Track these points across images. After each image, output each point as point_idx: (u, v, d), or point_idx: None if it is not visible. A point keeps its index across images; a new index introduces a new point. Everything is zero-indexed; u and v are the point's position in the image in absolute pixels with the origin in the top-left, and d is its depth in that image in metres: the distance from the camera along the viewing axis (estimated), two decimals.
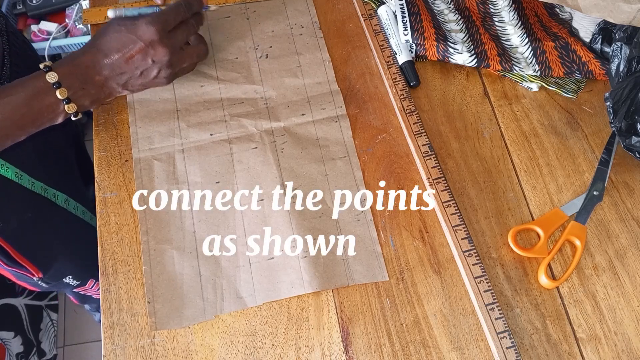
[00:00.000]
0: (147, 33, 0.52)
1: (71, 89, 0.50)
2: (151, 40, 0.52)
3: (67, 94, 0.50)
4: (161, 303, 0.51)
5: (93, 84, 0.52)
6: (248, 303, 0.52)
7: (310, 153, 0.58)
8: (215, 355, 0.50)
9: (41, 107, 0.50)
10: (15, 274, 0.73)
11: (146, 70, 0.54)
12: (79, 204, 0.77)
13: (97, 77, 0.52)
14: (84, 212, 0.78)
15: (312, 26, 0.66)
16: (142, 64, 0.53)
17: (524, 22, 0.65)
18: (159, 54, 0.53)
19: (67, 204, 0.74)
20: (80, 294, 0.89)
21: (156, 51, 0.53)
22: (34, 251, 0.71)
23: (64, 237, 0.76)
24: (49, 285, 0.77)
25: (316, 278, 0.52)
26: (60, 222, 0.75)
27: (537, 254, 0.53)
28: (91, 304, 1.02)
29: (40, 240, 0.72)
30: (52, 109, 0.51)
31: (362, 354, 0.50)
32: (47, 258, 0.74)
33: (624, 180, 0.58)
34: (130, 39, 0.52)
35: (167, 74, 0.55)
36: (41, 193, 0.68)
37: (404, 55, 0.62)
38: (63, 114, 0.52)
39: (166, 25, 0.54)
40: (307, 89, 0.62)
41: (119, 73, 0.53)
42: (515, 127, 0.61)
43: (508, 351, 0.48)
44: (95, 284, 0.86)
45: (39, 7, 1.33)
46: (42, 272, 0.73)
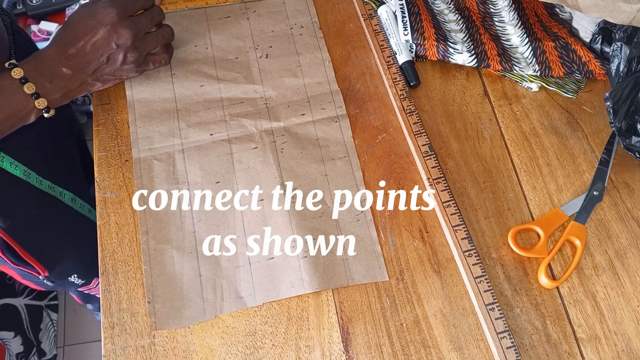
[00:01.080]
0: (107, 16, 0.51)
1: (38, 83, 0.50)
2: (112, 23, 0.52)
3: (34, 89, 0.49)
4: (161, 303, 0.51)
5: (61, 77, 0.51)
6: (248, 303, 0.52)
7: (310, 153, 0.58)
8: (215, 355, 0.50)
9: (10, 105, 0.50)
10: (21, 272, 0.73)
11: (112, 55, 0.53)
12: (85, 203, 0.77)
13: (63, 69, 0.51)
14: (90, 210, 0.78)
15: (312, 26, 0.66)
16: (106, 50, 0.52)
17: (524, 22, 0.65)
18: (121, 36, 0.52)
19: (74, 203, 0.74)
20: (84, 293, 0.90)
21: (118, 34, 0.52)
22: (40, 250, 0.71)
23: (70, 236, 0.77)
24: (54, 284, 0.77)
25: (316, 278, 0.52)
26: (66, 221, 0.75)
27: (537, 254, 0.53)
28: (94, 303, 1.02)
29: (47, 239, 0.72)
30: (22, 106, 0.50)
31: (362, 354, 0.50)
32: (53, 257, 0.74)
33: (624, 180, 0.58)
34: (91, 25, 0.52)
35: (134, 57, 0.54)
36: (48, 192, 0.68)
37: (404, 55, 0.62)
38: (35, 111, 0.51)
39: (126, 8, 0.53)
40: (307, 88, 0.62)
41: (86, 62, 0.52)
42: (515, 127, 0.61)
43: (508, 351, 0.48)
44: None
45: (39, 7, 1.33)
46: (48, 270, 0.73)
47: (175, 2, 0.66)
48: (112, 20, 0.52)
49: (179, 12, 0.66)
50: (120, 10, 0.52)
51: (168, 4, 0.65)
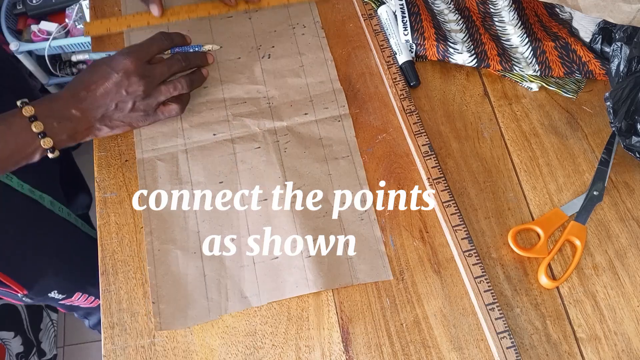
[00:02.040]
0: (122, 63, 0.52)
1: (46, 123, 0.50)
2: (125, 70, 0.52)
3: (42, 128, 0.49)
4: (166, 303, 0.51)
5: (69, 118, 0.51)
6: (252, 303, 0.52)
7: (313, 152, 0.58)
8: (215, 355, 0.50)
9: (17, 142, 0.49)
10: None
11: (121, 102, 0.53)
12: (63, 206, 0.76)
13: (73, 111, 0.51)
14: (69, 213, 0.77)
15: (314, 26, 0.66)
16: (116, 96, 0.52)
17: (524, 22, 0.65)
18: (132, 84, 0.52)
19: (53, 206, 0.73)
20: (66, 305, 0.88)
21: (129, 81, 0.52)
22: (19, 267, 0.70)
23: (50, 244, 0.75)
24: (34, 300, 0.76)
25: (320, 277, 0.52)
26: (46, 227, 0.74)
27: (537, 254, 0.53)
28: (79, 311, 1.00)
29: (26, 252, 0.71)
30: (28, 144, 0.50)
31: (362, 354, 0.50)
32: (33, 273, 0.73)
33: (624, 180, 0.58)
34: (106, 70, 0.52)
35: (143, 106, 0.54)
36: (29, 195, 0.68)
37: (404, 55, 0.62)
38: (40, 150, 0.51)
39: (142, 55, 0.53)
40: (310, 88, 0.62)
41: (95, 106, 0.52)
42: (515, 127, 0.61)
43: (508, 351, 0.48)
44: (82, 296, 0.84)
45: (39, 7, 1.33)
46: (27, 288, 0.72)
47: (177, 12, 0.65)
48: (125, 67, 0.52)
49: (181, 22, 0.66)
50: (135, 58, 0.53)
51: (170, 15, 0.65)
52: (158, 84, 0.55)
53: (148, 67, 0.54)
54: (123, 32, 0.65)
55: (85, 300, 0.84)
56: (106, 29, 0.64)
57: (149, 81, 0.53)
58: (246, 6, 0.66)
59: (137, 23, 0.64)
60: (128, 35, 0.65)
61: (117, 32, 0.65)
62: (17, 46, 1.27)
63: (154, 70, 0.54)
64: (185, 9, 0.65)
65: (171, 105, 0.57)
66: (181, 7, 0.65)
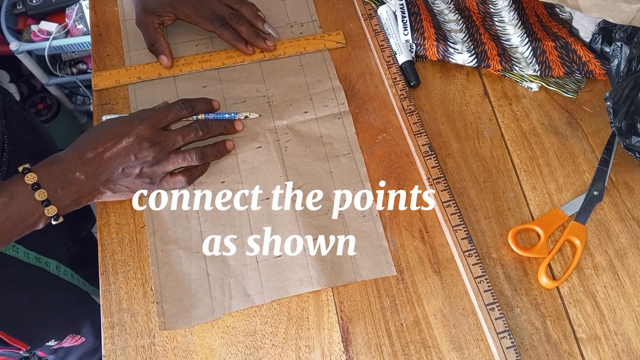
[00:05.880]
0: (136, 128, 0.49)
1: (50, 190, 0.47)
2: (137, 134, 0.49)
3: (46, 195, 0.47)
4: (169, 303, 0.51)
5: (73, 182, 0.48)
6: (256, 301, 0.52)
7: (314, 151, 0.58)
8: (215, 355, 0.50)
9: (20, 212, 0.47)
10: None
11: (128, 168, 0.50)
12: (67, 269, 0.74)
13: (77, 174, 0.48)
14: (73, 275, 0.76)
15: (312, 24, 0.66)
16: (124, 161, 0.50)
17: (524, 22, 0.65)
18: (143, 150, 0.50)
19: (58, 270, 0.72)
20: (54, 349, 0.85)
21: (141, 147, 0.50)
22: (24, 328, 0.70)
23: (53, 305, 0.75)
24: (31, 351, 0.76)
25: (324, 275, 0.52)
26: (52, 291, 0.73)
27: (537, 254, 0.53)
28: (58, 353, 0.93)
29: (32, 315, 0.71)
30: (32, 212, 0.47)
31: (362, 354, 0.50)
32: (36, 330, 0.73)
33: (624, 180, 0.58)
34: (115, 133, 0.49)
35: (150, 174, 0.52)
36: (35, 264, 0.66)
37: (404, 55, 0.62)
38: (44, 219, 0.48)
39: (157, 122, 0.51)
40: (309, 86, 0.62)
41: (102, 169, 0.49)
42: (515, 127, 0.61)
43: (508, 351, 0.48)
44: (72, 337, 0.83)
45: (39, 7, 1.33)
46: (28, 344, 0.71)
47: (190, 63, 0.62)
48: (137, 132, 0.49)
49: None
50: (150, 125, 0.50)
51: (182, 66, 0.62)
52: (169, 152, 0.52)
53: (162, 133, 0.51)
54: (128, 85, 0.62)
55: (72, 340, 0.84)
56: (115, 81, 0.61)
57: (159, 148, 0.51)
58: (262, 55, 0.63)
59: (148, 75, 0.61)
60: (133, 88, 0.61)
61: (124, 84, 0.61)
62: (17, 46, 1.27)
63: (167, 137, 0.51)
64: (199, 59, 0.62)
65: (177, 176, 0.54)
66: (194, 57, 0.62)
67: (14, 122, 0.68)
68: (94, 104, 0.61)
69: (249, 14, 0.63)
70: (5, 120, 0.66)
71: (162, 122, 0.52)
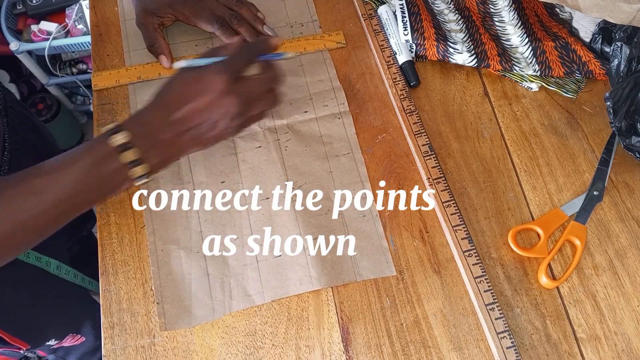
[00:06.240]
0: (217, 82, 0.48)
1: (141, 149, 0.46)
2: (221, 90, 0.47)
3: (137, 155, 0.45)
4: (170, 303, 0.51)
5: (163, 142, 0.47)
6: (256, 301, 0.52)
7: (314, 150, 0.58)
8: (215, 355, 0.50)
9: (106, 174, 0.45)
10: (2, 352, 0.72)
11: (215, 122, 0.49)
12: (69, 268, 0.74)
13: (167, 134, 0.47)
14: (75, 275, 0.75)
15: (312, 24, 0.66)
16: (210, 116, 0.48)
17: (524, 22, 0.65)
18: (229, 105, 0.48)
19: (59, 271, 0.71)
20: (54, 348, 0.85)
21: (226, 102, 0.48)
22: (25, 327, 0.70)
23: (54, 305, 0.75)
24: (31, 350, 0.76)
25: (324, 275, 0.52)
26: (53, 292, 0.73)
27: (537, 254, 0.53)
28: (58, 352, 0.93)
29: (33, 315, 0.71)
30: (119, 172, 0.46)
31: (362, 354, 0.50)
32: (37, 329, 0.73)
33: (624, 180, 0.58)
34: (198, 89, 0.48)
35: (237, 123, 0.50)
36: (35, 264, 0.66)
37: (404, 55, 0.62)
38: (129, 181, 0.47)
39: (235, 72, 0.49)
40: (309, 86, 0.62)
41: (189, 127, 0.48)
42: (515, 127, 0.61)
43: (508, 351, 0.48)
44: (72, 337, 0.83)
45: (39, 7, 1.33)
46: (29, 343, 0.71)
47: None
48: (221, 87, 0.47)
49: None
50: (231, 76, 0.48)
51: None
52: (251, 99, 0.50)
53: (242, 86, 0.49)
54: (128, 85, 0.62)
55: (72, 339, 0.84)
56: (115, 81, 0.61)
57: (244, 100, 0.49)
58: None
59: (148, 75, 0.62)
60: (133, 88, 0.61)
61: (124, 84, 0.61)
62: (17, 46, 1.27)
63: (249, 87, 0.50)
64: None
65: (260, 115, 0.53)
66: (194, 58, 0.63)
67: (15, 121, 0.68)
68: (94, 104, 0.61)
69: (249, 15, 0.63)
70: (7, 119, 0.66)
71: (238, 72, 0.50)
